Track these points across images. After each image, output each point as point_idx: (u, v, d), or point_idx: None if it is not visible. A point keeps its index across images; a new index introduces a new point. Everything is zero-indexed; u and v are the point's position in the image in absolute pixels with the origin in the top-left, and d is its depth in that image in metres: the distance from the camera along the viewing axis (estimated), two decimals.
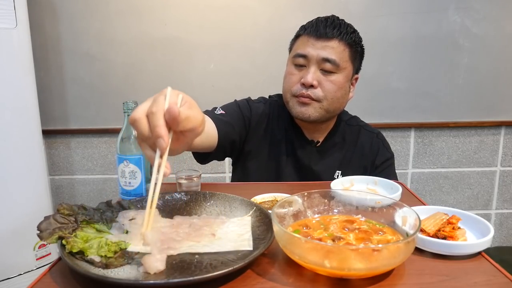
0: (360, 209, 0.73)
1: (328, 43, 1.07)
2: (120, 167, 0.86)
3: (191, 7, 1.82)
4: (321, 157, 1.21)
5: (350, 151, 1.23)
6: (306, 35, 1.11)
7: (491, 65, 1.91)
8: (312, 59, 1.08)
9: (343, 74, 1.10)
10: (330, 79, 1.09)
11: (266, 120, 1.21)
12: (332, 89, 1.09)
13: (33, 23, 1.66)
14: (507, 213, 2.12)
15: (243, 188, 1.01)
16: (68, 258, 0.59)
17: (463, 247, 0.65)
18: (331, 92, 1.09)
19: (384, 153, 1.23)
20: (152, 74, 1.87)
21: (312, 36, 1.09)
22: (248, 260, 0.59)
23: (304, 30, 1.12)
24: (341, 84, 1.10)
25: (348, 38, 1.09)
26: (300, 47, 1.11)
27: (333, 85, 1.09)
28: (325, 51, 1.07)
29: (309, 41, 1.09)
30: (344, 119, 1.26)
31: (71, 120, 1.91)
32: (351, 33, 1.10)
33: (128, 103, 0.86)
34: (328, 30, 1.07)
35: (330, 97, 1.09)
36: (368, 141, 1.24)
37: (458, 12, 1.85)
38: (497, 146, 2.03)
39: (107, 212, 0.73)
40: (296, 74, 1.12)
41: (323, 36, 1.07)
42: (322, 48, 1.07)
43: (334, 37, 1.07)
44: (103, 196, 2.00)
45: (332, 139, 1.22)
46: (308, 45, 1.09)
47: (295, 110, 1.13)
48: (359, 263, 0.54)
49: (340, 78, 1.10)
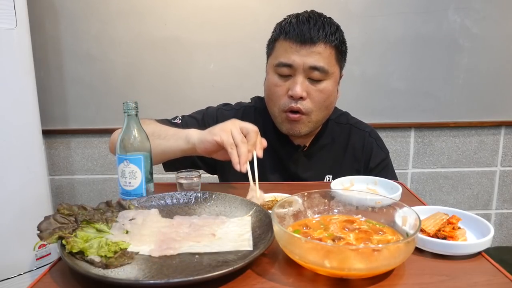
0: (360, 209, 0.73)
1: (314, 49, 0.98)
2: (120, 167, 0.86)
3: (191, 7, 1.82)
4: (309, 162, 1.14)
5: (341, 153, 1.15)
6: (287, 40, 1.01)
7: (491, 65, 1.91)
8: (299, 68, 0.99)
9: (332, 80, 1.03)
10: (320, 88, 1.02)
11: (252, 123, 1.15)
12: (321, 99, 1.03)
13: (33, 23, 1.66)
14: (507, 213, 2.12)
15: (243, 188, 1.01)
16: (68, 258, 0.59)
17: (463, 247, 0.65)
18: (320, 102, 1.03)
19: (378, 153, 1.16)
20: (152, 74, 1.87)
21: (295, 42, 0.99)
22: (248, 260, 0.59)
23: (285, 34, 1.01)
24: (330, 92, 1.04)
25: (334, 39, 1.01)
26: (283, 54, 1.01)
27: (323, 94, 1.02)
28: (312, 58, 0.98)
29: (292, 47, 0.99)
30: (333, 118, 1.17)
31: (71, 120, 1.91)
32: (335, 33, 1.01)
33: (128, 103, 0.86)
34: (313, 34, 0.98)
35: (319, 107, 1.03)
36: (360, 141, 1.16)
37: (458, 12, 1.85)
38: (497, 146, 2.03)
39: (107, 212, 0.73)
40: (281, 86, 1.03)
41: (308, 42, 0.98)
42: (308, 55, 0.98)
43: (320, 40, 0.98)
44: (103, 196, 2.00)
45: (320, 141, 1.15)
46: (291, 53, 0.99)
47: (285, 127, 1.07)
48: (359, 263, 0.54)
49: (329, 85, 1.03)
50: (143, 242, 0.67)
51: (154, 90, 1.88)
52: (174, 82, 1.87)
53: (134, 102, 0.86)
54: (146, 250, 0.65)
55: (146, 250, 0.65)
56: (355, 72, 1.87)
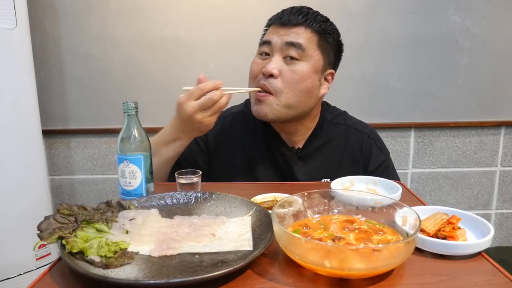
0: (360, 209, 0.73)
1: (293, 29, 1.00)
2: (120, 167, 0.86)
3: (191, 7, 1.82)
4: (304, 164, 1.10)
5: (338, 155, 1.11)
6: (271, 26, 1.05)
7: (491, 65, 1.91)
8: (276, 46, 1.00)
9: (309, 63, 1.00)
10: (293, 68, 0.99)
11: (228, 135, 1.14)
12: (293, 80, 0.98)
13: (33, 23, 1.66)
14: (507, 213, 2.12)
15: (243, 188, 1.01)
16: (68, 258, 0.59)
17: (463, 247, 0.65)
18: (291, 83, 0.98)
19: (378, 155, 1.12)
20: (152, 74, 1.87)
21: (277, 25, 1.02)
22: (248, 260, 0.59)
23: (270, 21, 1.07)
24: (304, 74, 0.99)
25: (316, 26, 1.00)
26: (266, 36, 1.05)
27: (295, 75, 0.99)
28: (289, 35, 0.99)
29: (273, 28, 1.03)
30: (329, 118, 1.14)
31: (71, 120, 1.91)
32: (321, 22, 1.01)
33: (128, 103, 0.86)
34: (292, 17, 1.00)
35: (290, 89, 0.99)
36: (359, 143, 1.12)
37: (458, 12, 1.85)
38: (497, 146, 2.03)
39: (107, 212, 0.73)
40: (258, 63, 1.03)
41: (287, 23, 1.00)
42: (286, 34, 1.00)
43: (299, 23, 1.00)
44: (103, 196, 2.00)
45: (315, 142, 1.11)
46: (272, 32, 1.03)
47: (253, 109, 1.04)
48: (359, 263, 0.54)
49: (304, 68, 0.99)
50: (143, 242, 0.67)
51: (154, 90, 1.88)
52: (174, 82, 1.87)
53: (134, 102, 0.86)
54: (146, 250, 0.65)
55: (146, 250, 0.65)
56: (355, 72, 1.87)
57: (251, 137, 1.13)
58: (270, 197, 0.89)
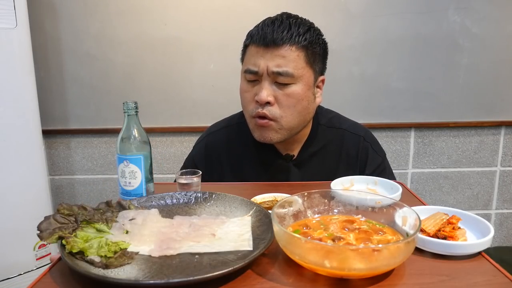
0: (360, 209, 0.73)
1: (277, 52, 0.94)
2: (120, 167, 0.86)
3: (191, 7, 1.82)
4: (300, 172, 1.09)
5: (334, 161, 1.09)
6: (253, 45, 0.98)
7: (491, 65, 1.91)
8: (264, 73, 0.96)
9: (302, 83, 0.97)
10: (287, 92, 0.96)
11: (223, 148, 1.12)
12: (290, 104, 0.97)
13: (33, 23, 1.66)
14: (507, 213, 2.12)
15: (243, 188, 1.01)
16: (68, 258, 0.59)
17: (463, 247, 0.65)
18: (290, 108, 0.97)
19: (374, 158, 1.11)
20: (152, 74, 1.87)
21: (260, 46, 0.96)
22: (248, 260, 0.59)
23: (251, 38, 0.99)
24: (300, 96, 0.97)
25: (301, 40, 0.95)
26: (250, 60, 0.98)
27: (291, 99, 0.97)
28: (275, 62, 0.94)
29: (258, 52, 0.96)
30: (323, 122, 1.11)
31: (71, 120, 1.91)
32: (304, 34, 0.96)
33: (128, 103, 0.86)
34: (275, 36, 0.94)
35: (289, 113, 0.98)
36: (354, 147, 1.10)
37: (458, 12, 1.85)
38: (497, 146, 2.03)
39: (107, 212, 0.73)
40: (249, 91, 1.00)
41: (271, 44, 0.94)
42: (272, 59, 0.94)
43: (284, 42, 0.94)
44: (103, 196, 2.00)
45: (310, 149, 1.09)
46: (257, 58, 0.96)
47: (255, 134, 1.02)
48: (359, 263, 0.54)
49: (298, 89, 0.97)
50: (143, 242, 0.67)
51: (154, 90, 1.88)
52: (174, 82, 1.87)
53: (134, 102, 0.86)
54: (146, 250, 0.65)
55: (146, 250, 0.65)
56: (355, 72, 1.87)
57: (244, 150, 1.12)
58: (270, 197, 0.89)
